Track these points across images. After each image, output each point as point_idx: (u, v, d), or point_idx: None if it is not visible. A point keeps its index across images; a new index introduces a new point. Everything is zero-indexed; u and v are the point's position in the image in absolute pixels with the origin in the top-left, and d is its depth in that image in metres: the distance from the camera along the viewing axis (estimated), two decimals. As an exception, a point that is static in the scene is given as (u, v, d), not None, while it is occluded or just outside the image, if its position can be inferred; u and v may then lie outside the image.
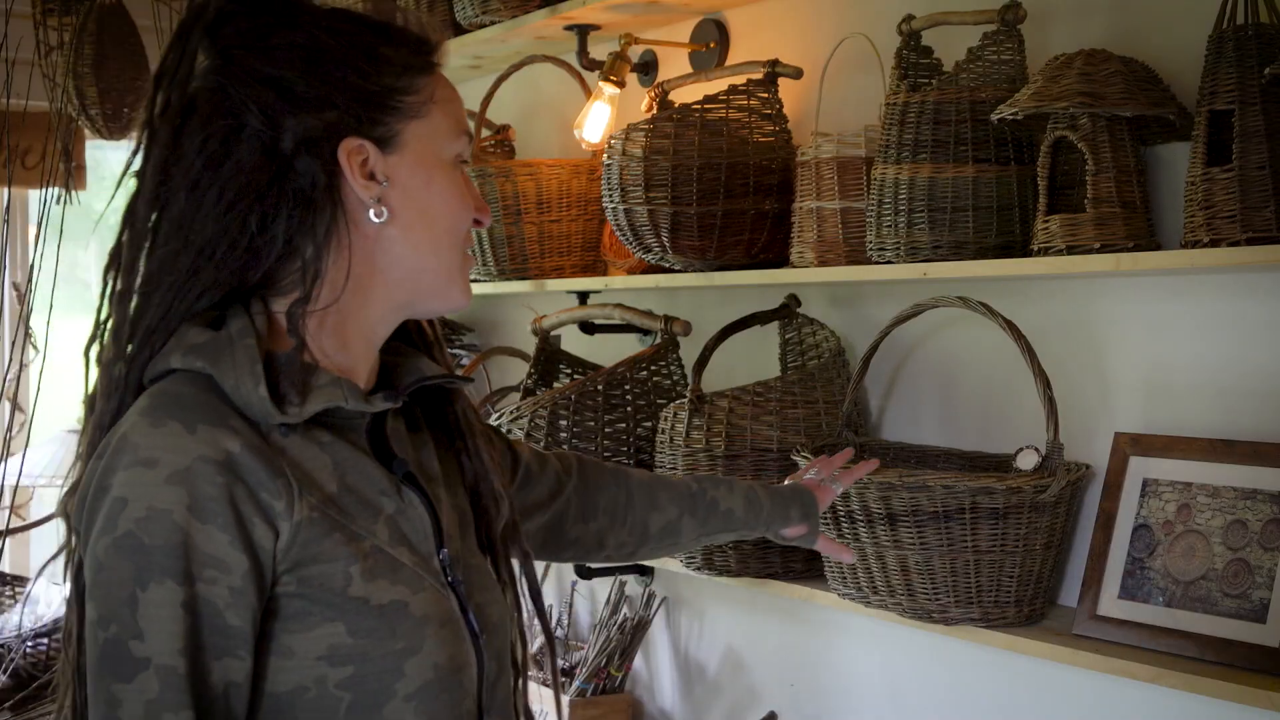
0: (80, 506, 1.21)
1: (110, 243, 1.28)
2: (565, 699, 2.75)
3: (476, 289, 2.81)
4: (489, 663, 1.33)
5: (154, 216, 1.26)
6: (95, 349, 1.28)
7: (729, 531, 1.83)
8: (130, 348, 1.25)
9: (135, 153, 1.27)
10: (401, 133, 1.30)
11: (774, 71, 2.39)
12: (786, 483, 1.96)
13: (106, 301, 1.27)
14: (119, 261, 1.26)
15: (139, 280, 1.26)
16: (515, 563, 1.47)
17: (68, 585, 1.27)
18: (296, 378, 1.24)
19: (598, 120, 2.75)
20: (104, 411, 1.25)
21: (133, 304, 1.26)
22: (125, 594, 1.16)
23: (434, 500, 1.33)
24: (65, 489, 1.27)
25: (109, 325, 1.27)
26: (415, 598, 1.25)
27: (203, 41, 1.28)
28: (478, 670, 1.31)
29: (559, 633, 3.01)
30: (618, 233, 2.49)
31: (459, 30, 2.95)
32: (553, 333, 2.79)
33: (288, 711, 1.22)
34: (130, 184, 1.28)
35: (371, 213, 1.28)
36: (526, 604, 1.46)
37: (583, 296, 2.86)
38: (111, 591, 1.17)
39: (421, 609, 1.25)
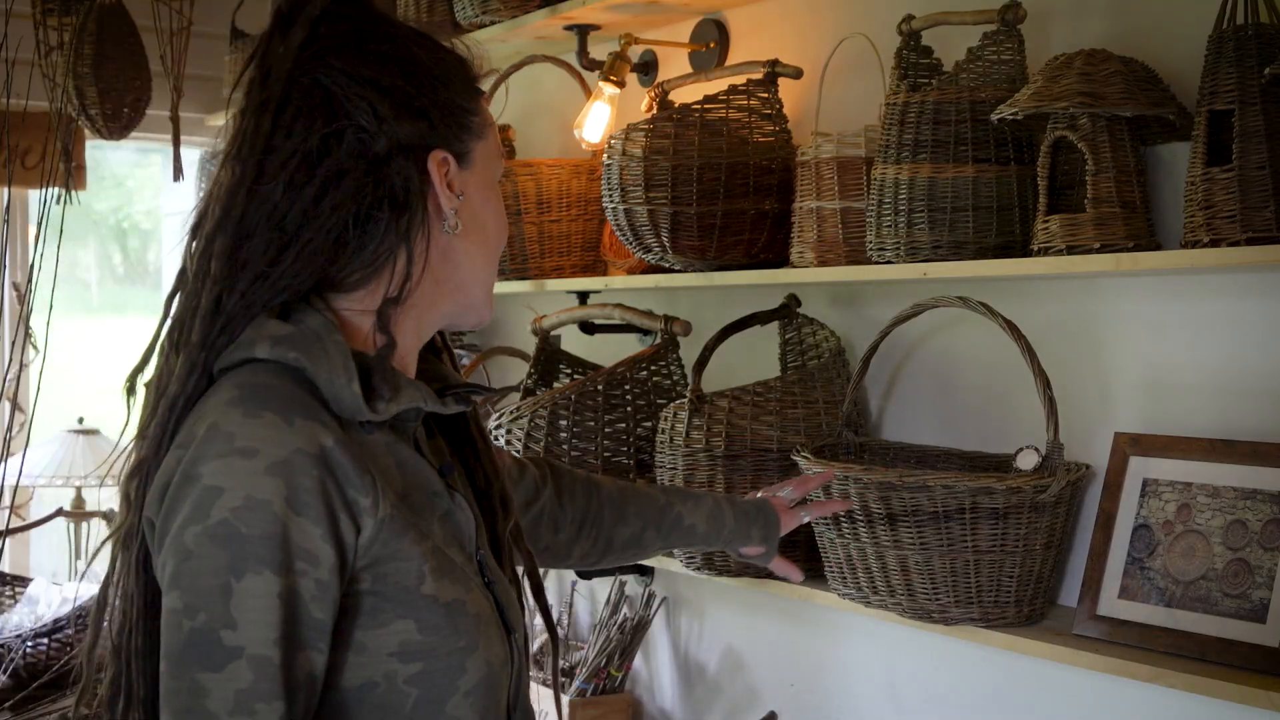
0: (160, 495, 1.20)
1: (203, 229, 1.27)
2: (565, 699, 2.75)
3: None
4: (517, 660, 1.35)
5: (247, 207, 1.25)
6: (177, 332, 1.26)
7: (690, 546, 1.90)
8: (212, 333, 1.25)
9: (232, 142, 1.27)
10: (472, 150, 1.34)
11: (774, 71, 2.38)
12: (758, 495, 1.98)
13: (195, 285, 1.26)
14: (211, 248, 1.25)
15: (228, 268, 1.24)
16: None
17: (133, 562, 1.24)
18: (390, 376, 1.26)
19: (598, 120, 2.75)
20: (178, 394, 1.24)
21: (218, 291, 1.24)
22: (218, 583, 1.15)
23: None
24: (128, 469, 1.26)
25: (197, 309, 1.25)
26: (469, 596, 1.27)
27: (302, 34, 1.28)
28: (510, 667, 1.33)
29: (559, 633, 3.01)
30: (618, 233, 2.48)
31: (459, 30, 2.95)
32: (553, 333, 2.78)
33: (356, 706, 1.23)
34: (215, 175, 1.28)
35: (448, 223, 1.31)
36: (528, 602, 1.47)
37: (583, 296, 2.86)
38: (201, 580, 1.16)
39: (475, 607, 1.27)
